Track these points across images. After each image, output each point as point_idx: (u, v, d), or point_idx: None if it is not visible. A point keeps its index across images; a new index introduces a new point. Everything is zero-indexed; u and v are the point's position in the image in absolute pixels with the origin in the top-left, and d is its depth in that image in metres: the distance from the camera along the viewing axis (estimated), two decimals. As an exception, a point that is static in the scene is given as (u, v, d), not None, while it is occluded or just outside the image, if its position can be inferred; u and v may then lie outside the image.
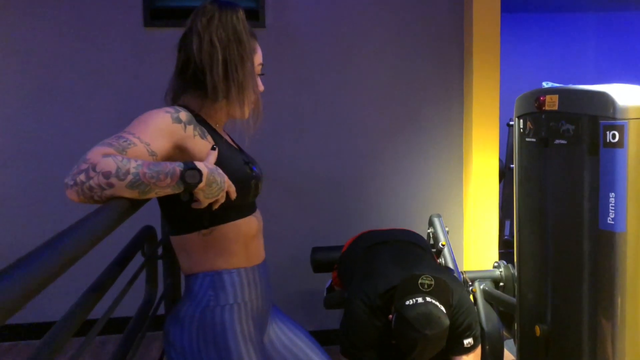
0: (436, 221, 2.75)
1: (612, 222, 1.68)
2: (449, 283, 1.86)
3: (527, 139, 2.09)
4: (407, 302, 1.73)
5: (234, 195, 1.24)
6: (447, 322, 1.72)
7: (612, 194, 1.68)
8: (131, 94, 3.02)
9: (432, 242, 2.76)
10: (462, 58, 3.20)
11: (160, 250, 1.75)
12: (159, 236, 1.76)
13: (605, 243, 1.71)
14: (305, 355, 1.55)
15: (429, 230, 2.77)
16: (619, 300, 1.71)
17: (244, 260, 1.36)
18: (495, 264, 2.70)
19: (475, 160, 3.13)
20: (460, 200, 3.29)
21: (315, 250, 2.71)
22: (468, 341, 1.91)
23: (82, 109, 3.04)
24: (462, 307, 1.89)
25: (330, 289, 2.55)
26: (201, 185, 1.15)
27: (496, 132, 3.12)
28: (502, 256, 3.15)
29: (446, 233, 2.72)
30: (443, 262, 2.62)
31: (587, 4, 4.99)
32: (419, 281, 1.76)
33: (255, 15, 3.05)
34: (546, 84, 2.00)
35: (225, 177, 1.22)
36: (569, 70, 5.12)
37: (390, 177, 3.24)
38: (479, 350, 1.97)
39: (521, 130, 2.14)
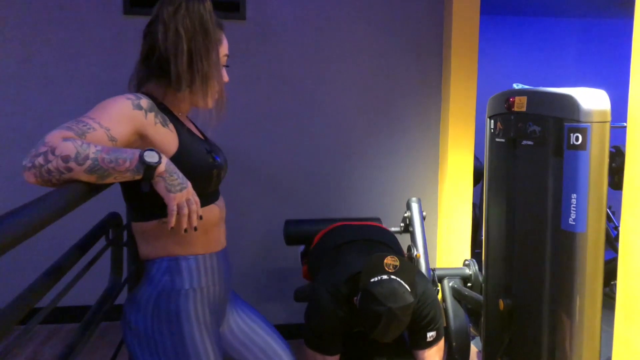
0: (414, 205, 2.72)
1: (573, 223, 1.72)
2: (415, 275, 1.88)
3: (497, 139, 2.12)
4: (372, 280, 1.75)
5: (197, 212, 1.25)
6: (411, 298, 1.74)
7: (574, 195, 1.71)
8: (109, 81, 3.01)
9: (407, 224, 2.75)
10: (441, 57, 3.23)
11: (125, 237, 1.75)
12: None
13: (566, 243, 1.74)
14: (264, 342, 1.57)
15: (405, 214, 2.76)
16: (578, 298, 1.75)
17: (202, 247, 1.37)
18: (466, 262, 2.74)
19: (450, 159, 3.16)
20: (435, 198, 3.32)
21: (288, 222, 2.70)
22: (431, 334, 1.93)
23: (59, 95, 3.02)
24: (427, 299, 1.91)
25: (303, 254, 2.56)
26: (160, 169, 1.16)
27: (472, 132, 3.15)
28: (477, 255, 3.19)
29: (422, 217, 2.71)
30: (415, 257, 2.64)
31: (567, 10, 5.05)
32: (384, 261, 1.77)
33: (235, 8, 3.04)
34: (516, 86, 2.02)
35: (189, 184, 1.23)
36: (547, 73, 5.18)
37: (367, 172, 3.26)
38: (441, 344, 1.99)
39: (492, 130, 2.17)
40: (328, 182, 3.23)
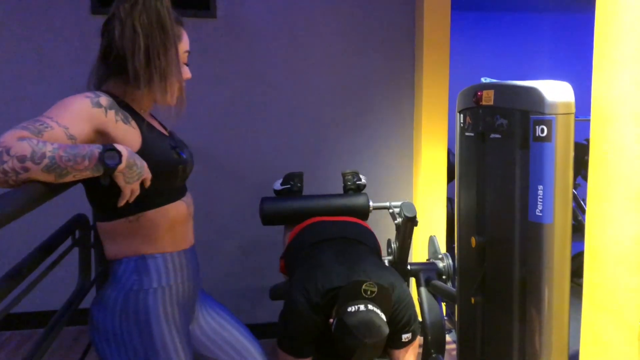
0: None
1: (540, 214, 1.73)
2: (390, 278, 1.89)
3: (467, 134, 2.14)
4: (349, 309, 1.74)
5: (147, 183, 1.23)
6: (386, 330, 1.74)
7: (540, 186, 1.73)
8: (78, 81, 2.96)
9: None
10: (413, 53, 3.24)
11: (93, 239, 1.73)
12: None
13: (533, 234, 1.76)
14: (234, 339, 1.57)
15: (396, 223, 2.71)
16: (546, 289, 1.76)
17: (170, 245, 1.36)
18: (440, 256, 2.76)
19: (424, 154, 3.18)
20: (411, 193, 3.34)
21: (265, 200, 2.60)
22: (406, 336, 1.94)
23: (27, 95, 2.97)
24: (402, 302, 1.92)
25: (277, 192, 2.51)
26: (121, 166, 1.15)
27: (445, 127, 3.17)
28: (453, 250, 3.20)
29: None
30: (393, 250, 2.65)
31: (539, 5, 5.12)
32: (362, 287, 1.77)
33: (206, 5, 3.02)
34: (484, 79, 2.04)
35: (145, 164, 1.21)
36: (520, 68, 5.24)
37: (342, 169, 3.25)
38: (416, 342, 2.01)
39: (461, 125, 2.18)
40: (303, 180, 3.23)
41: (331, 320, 1.83)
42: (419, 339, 2.07)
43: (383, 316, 1.77)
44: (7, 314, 1.03)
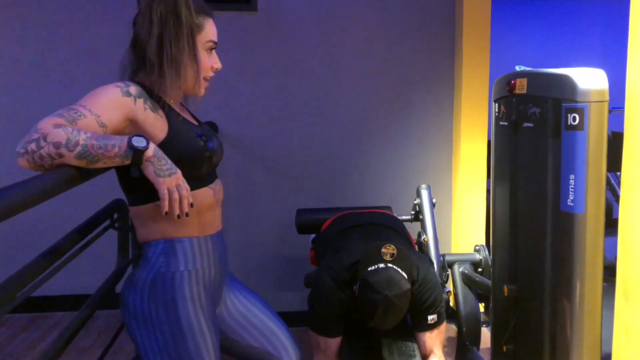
0: (423, 192, 2.72)
1: (572, 204, 1.71)
2: (415, 259, 1.89)
3: (501, 123, 2.11)
4: (370, 269, 1.77)
5: (189, 199, 1.30)
6: (407, 286, 1.75)
7: (572, 176, 1.70)
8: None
9: (417, 212, 2.76)
10: (453, 42, 3.21)
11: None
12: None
13: (565, 224, 1.73)
14: (261, 323, 1.61)
15: (415, 202, 2.77)
16: (578, 281, 1.74)
17: (197, 230, 1.42)
18: (476, 248, 2.73)
19: (463, 145, 3.14)
20: (450, 185, 3.31)
21: (300, 212, 2.74)
22: (432, 317, 1.94)
23: (77, 85, 3.10)
24: (428, 283, 1.92)
25: (313, 240, 2.61)
26: (148, 153, 1.21)
27: (485, 118, 3.13)
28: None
29: (432, 205, 2.71)
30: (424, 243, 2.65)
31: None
32: (382, 250, 1.79)
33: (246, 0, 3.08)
34: (519, 68, 2.01)
35: (179, 171, 1.28)
36: (563, 56, 5.08)
37: (379, 160, 3.27)
38: (443, 327, 2.00)
39: (496, 114, 2.16)
40: (340, 171, 3.26)
41: (355, 286, 1.86)
42: (446, 325, 2.06)
43: (404, 274, 1.78)
44: (47, 296, 1.10)
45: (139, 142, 1.20)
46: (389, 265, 1.77)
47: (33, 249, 1.33)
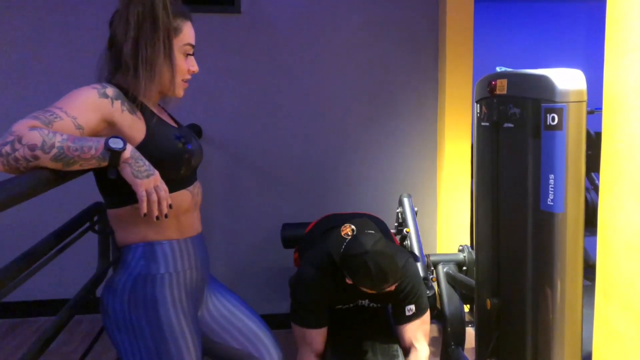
0: (405, 201, 2.77)
1: (552, 203, 1.72)
2: (396, 252, 1.91)
3: (482, 123, 2.13)
4: (342, 248, 1.83)
5: (167, 200, 1.30)
6: (379, 234, 1.82)
7: (552, 175, 1.71)
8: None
9: (400, 221, 2.78)
10: (437, 43, 3.23)
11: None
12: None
13: (545, 224, 1.74)
14: (244, 325, 1.61)
15: (398, 210, 2.79)
16: (558, 279, 1.75)
17: (175, 232, 1.41)
18: (460, 248, 2.74)
19: (447, 146, 3.16)
20: (434, 185, 3.32)
21: (285, 226, 2.76)
22: (410, 307, 1.95)
23: (64, 86, 3.07)
24: (406, 272, 1.94)
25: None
26: (125, 155, 1.20)
27: (468, 119, 3.14)
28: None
29: (414, 213, 2.74)
30: (408, 244, 2.66)
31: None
32: (342, 233, 1.87)
33: (230, 1, 3.07)
34: (499, 69, 2.02)
35: (156, 172, 1.27)
36: (544, 57, 5.13)
37: (364, 161, 3.27)
38: (425, 317, 2.00)
39: (478, 115, 2.17)
40: (325, 173, 3.26)
41: (343, 275, 1.88)
42: (430, 324, 2.07)
43: (371, 231, 1.85)
44: (26, 301, 1.09)
45: (115, 143, 1.19)
46: (355, 234, 1.84)
47: (13, 252, 1.31)
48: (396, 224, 2.80)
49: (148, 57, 1.33)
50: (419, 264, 2.33)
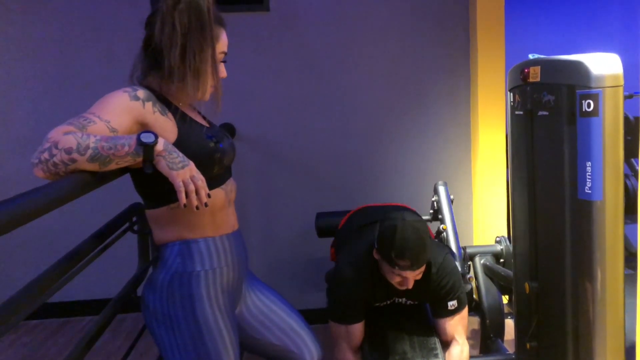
0: (441, 189, 2.73)
1: (590, 192, 1.68)
2: (433, 248, 1.90)
3: (517, 112, 2.09)
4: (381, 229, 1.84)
5: (205, 189, 1.30)
6: (416, 215, 1.85)
7: (589, 163, 1.67)
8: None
9: (435, 209, 2.76)
10: (467, 33, 3.18)
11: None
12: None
13: (583, 212, 1.71)
14: (282, 321, 1.62)
15: (433, 199, 2.77)
16: (598, 269, 1.71)
17: (211, 230, 1.43)
18: (497, 239, 2.71)
19: (481, 136, 3.12)
20: (469, 177, 3.29)
21: (320, 215, 2.76)
22: (452, 303, 1.94)
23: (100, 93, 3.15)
24: (447, 268, 1.93)
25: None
26: (159, 148, 1.22)
27: (502, 108, 3.10)
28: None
29: (450, 201, 2.71)
30: (444, 238, 2.64)
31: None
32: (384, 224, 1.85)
33: (259, 0, 3.09)
34: (532, 56, 1.99)
35: (191, 162, 1.28)
36: (578, 43, 4.99)
37: (398, 152, 3.26)
38: (464, 312, 1.99)
39: (512, 103, 2.14)
40: (358, 167, 3.26)
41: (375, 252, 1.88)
42: (469, 317, 2.05)
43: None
44: (70, 301, 1.13)
45: (147, 137, 1.21)
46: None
47: (57, 253, 1.35)
48: (431, 211, 2.76)
49: (196, 65, 1.34)
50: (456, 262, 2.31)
